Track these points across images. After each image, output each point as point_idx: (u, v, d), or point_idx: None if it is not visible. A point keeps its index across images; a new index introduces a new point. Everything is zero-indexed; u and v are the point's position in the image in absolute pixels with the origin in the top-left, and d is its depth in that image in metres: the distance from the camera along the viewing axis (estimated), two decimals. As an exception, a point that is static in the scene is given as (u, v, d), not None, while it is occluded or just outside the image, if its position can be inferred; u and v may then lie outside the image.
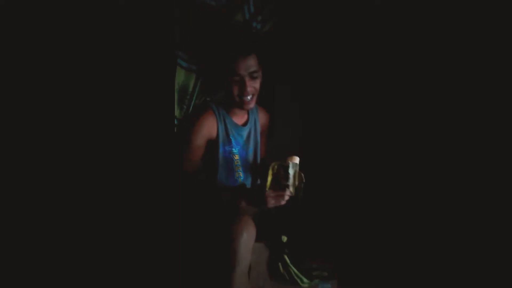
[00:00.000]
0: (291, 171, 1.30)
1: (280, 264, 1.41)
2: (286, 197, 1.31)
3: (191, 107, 1.58)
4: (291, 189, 1.31)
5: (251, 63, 1.40)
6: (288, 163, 1.30)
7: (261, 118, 1.65)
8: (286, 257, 1.40)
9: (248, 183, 1.60)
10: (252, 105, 1.45)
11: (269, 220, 1.49)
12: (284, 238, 1.43)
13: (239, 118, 1.55)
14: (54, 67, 1.57)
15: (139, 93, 1.59)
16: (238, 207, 1.35)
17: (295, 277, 1.40)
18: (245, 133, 1.56)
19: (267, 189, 1.31)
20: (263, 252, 1.43)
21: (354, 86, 1.77)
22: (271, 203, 1.30)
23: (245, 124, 1.57)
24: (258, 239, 1.36)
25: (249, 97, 1.43)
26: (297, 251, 1.43)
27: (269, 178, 1.32)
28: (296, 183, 1.32)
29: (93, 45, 1.58)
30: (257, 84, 1.44)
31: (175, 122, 1.57)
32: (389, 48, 1.64)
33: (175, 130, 1.56)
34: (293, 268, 1.40)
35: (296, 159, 1.32)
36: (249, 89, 1.41)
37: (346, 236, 1.52)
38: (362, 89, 1.74)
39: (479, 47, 1.44)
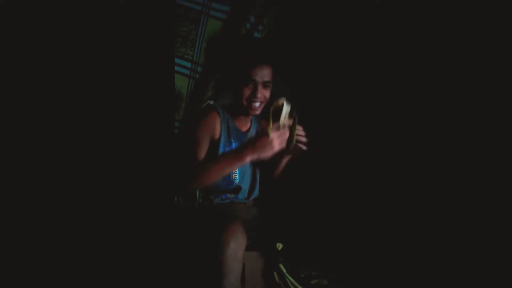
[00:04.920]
0: (285, 109, 1.30)
1: (275, 273, 1.35)
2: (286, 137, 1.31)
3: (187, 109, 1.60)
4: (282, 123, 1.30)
5: (267, 73, 1.47)
6: (281, 103, 1.31)
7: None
8: (281, 266, 1.34)
9: (245, 186, 1.60)
10: (258, 112, 1.50)
11: (262, 227, 1.46)
12: (279, 246, 1.37)
13: (242, 124, 1.59)
14: (53, 67, 1.56)
15: (138, 93, 1.57)
16: (228, 215, 1.36)
17: (292, 287, 1.33)
18: (245, 140, 1.56)
19: (269, 131, 1.29)
20: (257, 261, 1.37)
21: (354, 86, 1.74)
22: (276, 144, 1.28)
23: (247, 131, 1.60)
24: (251, 247, 1.33)
25: (257, 104, 1.48)
26: (293, 259, 1.37)
27: (270, 122, 1.31)
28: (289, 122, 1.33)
29: (93, 45, 1.58)
30: (267, 93, 1.49)
31: (176, 124, 1.59)
32: (389, 48, 1.62)
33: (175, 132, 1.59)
34: (289, 277, 1.33)
35: (283, 99, 1.31)
36: (259, 95, 1.46)
37: (346, 241, 1.47)
38: (362, 89, 1.72)
39: (480, 47, 1.41)
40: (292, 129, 1.34)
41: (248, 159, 1.28)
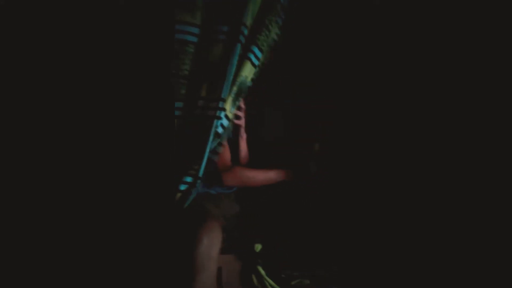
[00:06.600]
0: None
1: (253, 276, 1.29)
2: None
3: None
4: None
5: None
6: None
7: None
8: (260, 268, 1.28)
9: None
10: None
11: (240, 227, 1.41)
12: (258, 247, 1.31)
13: None
14: (53, 67, 1.57)
15: (137, 93, 1.54)
16: (209, 209, 1.33)
17: (271, 290, 1.28)
18: None
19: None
20: (234, 264, 1.32)
21: (353, 87, 1.71)
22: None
23: None
24: (229, 248, 1.29)
25: None
26: (274, 260, 1.32)
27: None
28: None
29: (93, 45, 1.57)
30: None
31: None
32: (389, 49, 1.59)
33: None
34: (268, 279, 1.28)
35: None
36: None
37: (331, 240, 1.46)
38: (361, 90, 1.69)
39: (479, 47, 1.40)
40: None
41: (283, 178, 1.53)
